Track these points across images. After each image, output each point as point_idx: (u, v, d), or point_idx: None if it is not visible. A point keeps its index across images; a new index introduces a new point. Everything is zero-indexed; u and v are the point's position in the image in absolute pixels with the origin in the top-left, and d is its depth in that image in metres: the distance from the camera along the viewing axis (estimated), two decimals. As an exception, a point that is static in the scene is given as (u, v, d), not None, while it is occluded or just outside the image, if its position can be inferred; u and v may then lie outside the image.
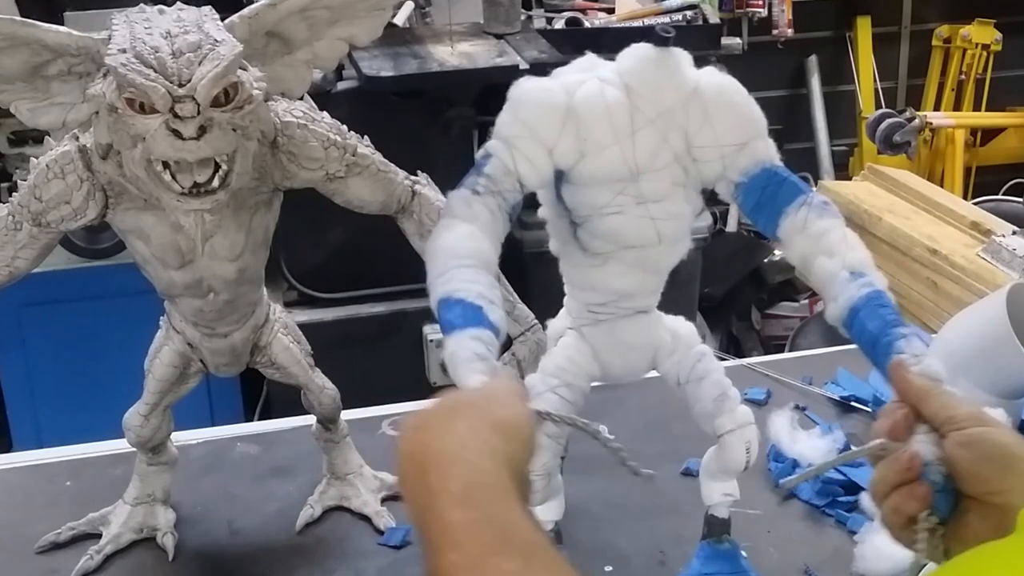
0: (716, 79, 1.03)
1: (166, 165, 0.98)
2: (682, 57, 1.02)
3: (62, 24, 1.04)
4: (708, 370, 1.11)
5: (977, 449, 0.76)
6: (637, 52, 1.01)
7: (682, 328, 1.13)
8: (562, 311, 1.15)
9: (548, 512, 1.14)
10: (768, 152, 1.02)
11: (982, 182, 3.82)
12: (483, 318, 0.88)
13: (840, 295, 0.96)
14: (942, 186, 3.34)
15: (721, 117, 1.01)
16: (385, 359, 2.65)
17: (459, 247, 0.93)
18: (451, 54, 2.68)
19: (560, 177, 1.03)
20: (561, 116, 0.99)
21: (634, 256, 1.05)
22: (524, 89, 1.01)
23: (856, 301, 0.95)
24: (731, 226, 3.78)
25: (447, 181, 1.04)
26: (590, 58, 1.06)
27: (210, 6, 1.03)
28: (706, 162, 1.02)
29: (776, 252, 3.60)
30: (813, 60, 4.03)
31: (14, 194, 1.13)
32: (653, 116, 1.00)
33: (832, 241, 0.98)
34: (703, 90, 1.01)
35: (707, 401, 1.10)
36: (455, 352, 0.85)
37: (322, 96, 2.25)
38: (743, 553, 1.19)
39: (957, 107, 3.99)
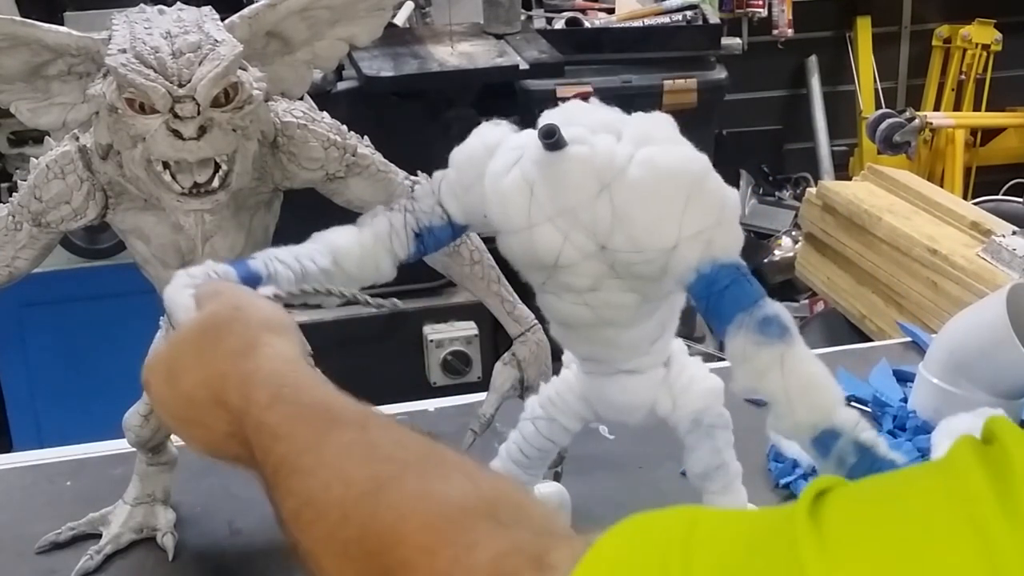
0: (642, 167, 0.85)
1: (166, 165, 0.98)
2: (584, 154, 0.86)
3: (62, 24, 1.04)
4: (712, 429, 1.03)
5: None
6: (535, 146, 0.87)
7: (695, 388, 1.02)
8: None
9: None
10: (707, 253, 0.85)
11: (982, 182, 3.82)
12: (246, 268, 0.88)
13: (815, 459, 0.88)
14: (942, 186, 3.34)
15: (637, 219, 0.85)
16: (385, 359, 2.65)
17: (330, 236, 0.94)
18: (451, 54, 2.68)
19: None
20: (476, 173, 0.91)
21: (583, 334, 0.97)
22: (479, 130, 0.94)
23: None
24: (731, 226, 3.78)
25: (447, 181, 1.04)
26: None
27: (210, 6, 1.03)
28: (633, 265, 0.87)
29: (776, 252, 3.60)
30: (813, 60, 4.03)
31: (14, 194, 1.13)
32: (552, 213, 0.87)
33: (774, 382, 0.84)
34: (617, 186, 0.85)
35: (703, 465, 1.04)
36: (170, 293, 0.84)
37: (322, 96, 2.25)
38: None
39: (957, 107, 3.99)
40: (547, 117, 0.89)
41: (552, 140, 0.84)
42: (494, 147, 0.91)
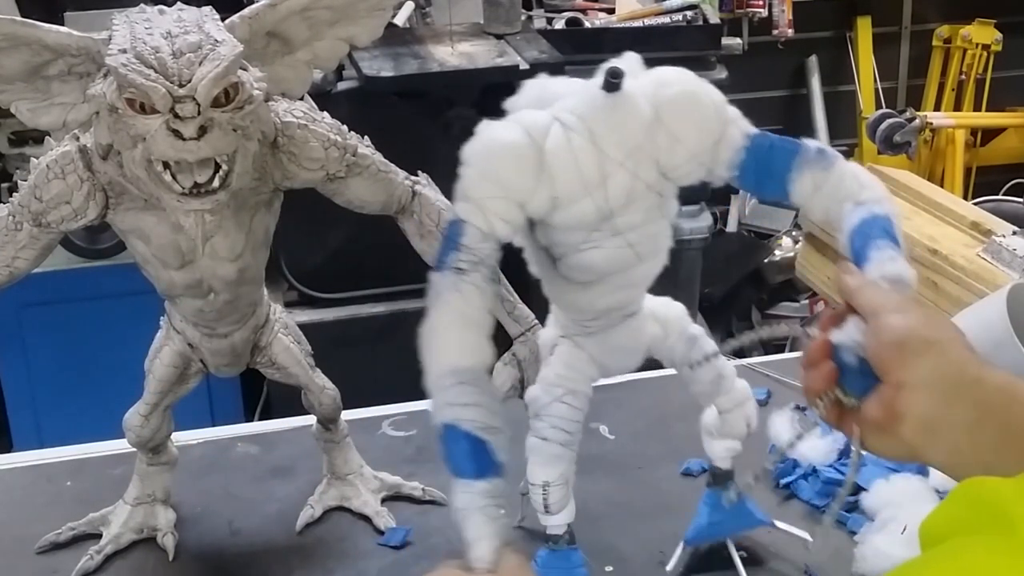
0: (669, 94, 0.96)
1: (166, 165, 0.98)
2: (636, 95, 0.95)
3: (62, 24, 1.04)
4: (703, 352, 1.13)
5: (884, 334, 0.79)
6: (592, 97, 0.94)
7: (671, 312, 1.13)
8: (550, 320, 1.14)
9: (562, 516, 1.14)
10: (741, 132, 0.98)
11: (982, 182, 3.82)
12: (490, 461, 0.87)
13: (844, 226, 0.95)
14: (942, 186, 3.33)
15: (687, 131, 0.96)
16: (385, 359, 2.64)
17: (457, 353, 0.93)
18: (451, 54, 2.68)
19: (531, 222, 0.99)
20: (534, 169, 0.92)
21: (616, 279, 1.03)
22: (488, 140, 0.92)
23: (852, 226, 0.93)
24: (731, 226, 3.78)
25: (447, 181, 1.04)
26: (541, 84, 0.99)
27: (210, 6, 1.03)
28: (687, 175, 0.98)
29: (776, 252, 3.60)
30: (813, 60, 4.03)
31: (14, 194, 1.13)
32: (622, 158, 0.95)
33: (846, 188, 0.96)
34: (663, 114, 0.96)
35: (704, 383, 1.14)
36: (466, 511, 0.85)
37: (322, 96, 2.25)
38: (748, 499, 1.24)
39: (957, 107, 3.99)
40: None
41: (618, 80, 0.93)
42: (525, 136, 0.92)
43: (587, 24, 3.23)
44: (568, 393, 1.09)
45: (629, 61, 0.97)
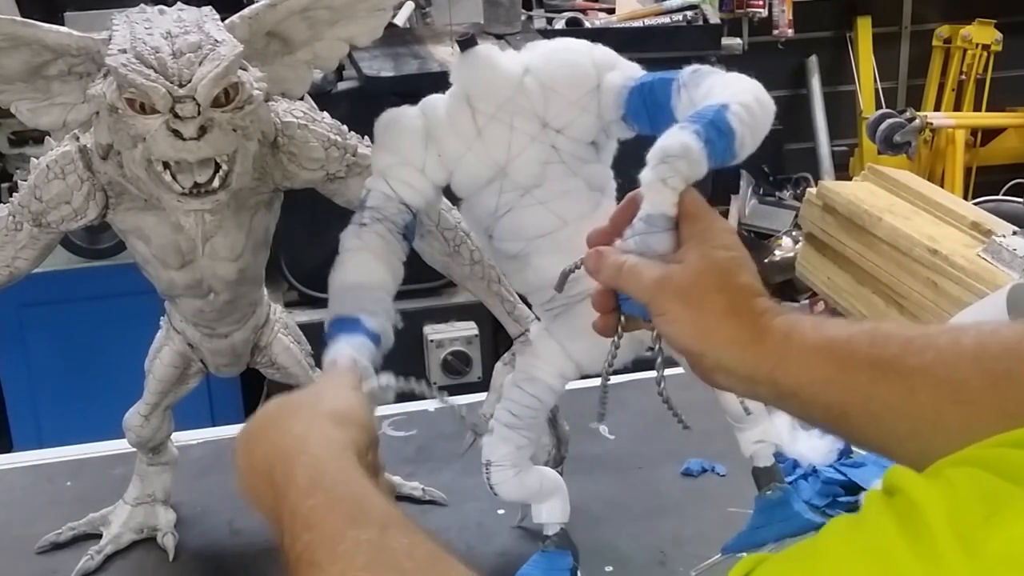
0: (541, 48, 1.04)
1: (166, 165, 0.97)
2: (492, 50, 1.03)
3: (62, 24, 1.04)
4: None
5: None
6: (457, 61, 1.03)
7: None
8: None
9: (554, 515, 1.14)
10: (625, 75, 1.01)
11: (982, 182, 3.82)
12: (359, 326, 0.96)
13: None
14: (942, 186, 3.33)
15: (560, 79, 1.01)
16: (385, 359, 2.64)
17: (349, 279, 1.01)
18: (451, 54, 2.68)
19: (452, 198, 1.08)
20: (421, 137, 1.03)
21: (548, 243, 1.05)
22: (386, 119, 1.06)
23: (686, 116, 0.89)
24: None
25: (447, 181, 1.05)
26: None
27: (210, 6, 1.03)
28: (573, 124, 1.02)
29: (776, 252, 3.60)
30: (813, 60, 4.03)
31: (14, 194, 1.13)
32: (493, 111, 1.02)
33: (714, 95, 0.91)
34: (532, 66, 1.02)
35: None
36: (331, 356, 0.93)
37: (322, 96, 2.25)
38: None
39: (957, 107, 3.99)
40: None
41: (467, 38, 1.01)
42: (418, 111, 1.04)
43: (587, 24, 3.23)
44: (527, 380, 1.10)
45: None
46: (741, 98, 0.89)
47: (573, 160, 1.04)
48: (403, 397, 0.99)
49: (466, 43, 1.02)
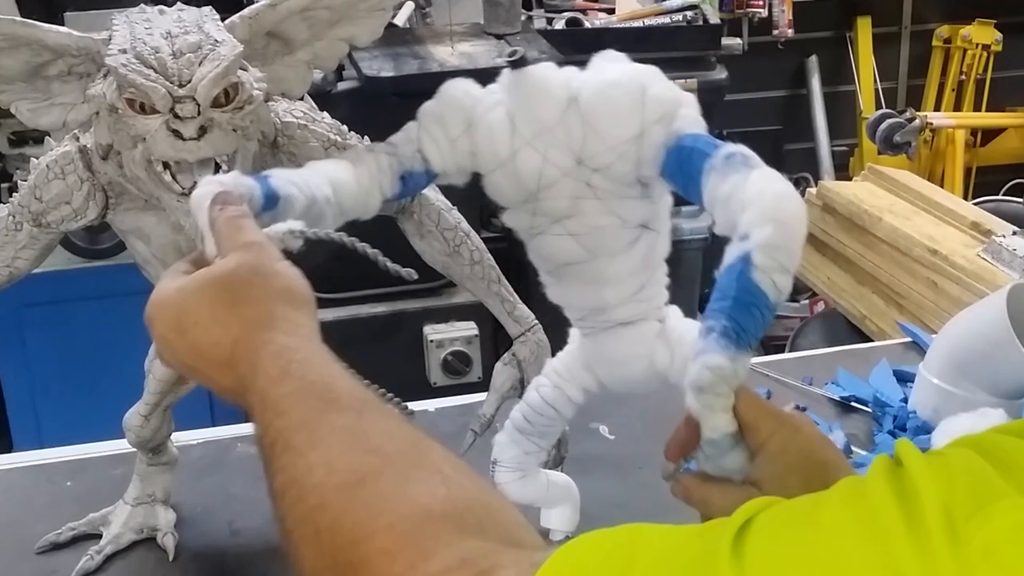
0: (597, 77, 0.95)
1: (166, 165, 0.98)
2: (545, 72, 0.96)
3: (62, 24, 1.04)
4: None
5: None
6: (505, 75, 0.97)
7: (686, 337, 1.04)
8: None
9: (562, 523, 1.14)
10: (669, 130, 0.92)
11: (982, 182, 3.82)
12: (261, 178, 0.89)
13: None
14: (942, 186, 3.34)
15: (603, 119, 0.93)
16: (385, 359, 2.64)
17: (325, 167, 0.96)
18: (451, 54, 2.68)
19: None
20: (464, 121, 0.98)
21: (575, 273, 1.01)
22: (454, 82, 1.01)
23: (721, 268, 0.82)
24: (731, 226, 3.78)
25: (447, 181, 1.04)
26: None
27: (210, 6, 1.03)
28: (611, 168, 0.94)
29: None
30: (813, 60, 4.03)
31: (14, 194, 1.13)
32: (530, 137, 0.95)
33: (734, 202, 0.84)
34: (581, 97, 0.94)
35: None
36: (197, 199, 0.85)
37: (322, 96, 2.25)
38: None
39: (957, 107, 3.99)
40: None
41: (516, 59, 0.95)
42: (476, 94, 0.99)
43: (587, 24, 3.23)
44: (549, 387, 1.10)
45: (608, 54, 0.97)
46: (764, 235, 0.80)
47: (609, 197, 0.96)
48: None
49: (517, 63, 0.95)
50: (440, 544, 0.60)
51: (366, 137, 1.18)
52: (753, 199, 0.82)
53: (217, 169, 0.98)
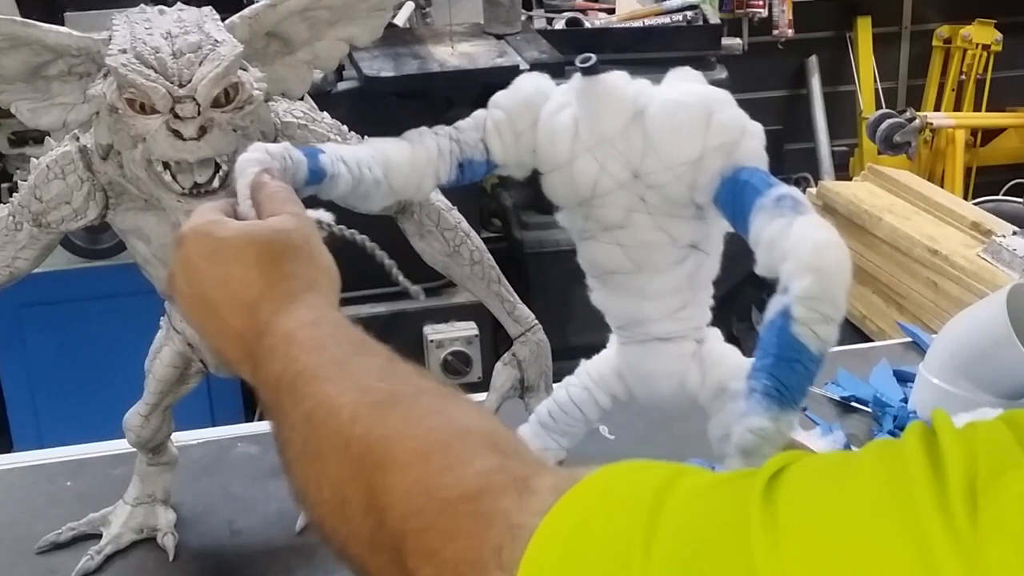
0: (666, 96, 0.94)
1: (166, 165, 0.98)
2: (617, 81, 0.95)
3: (62, 24, 1.04)
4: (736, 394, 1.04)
5: None
6: (575, 78, 0.97)
7: (723, 362, 1.04)
8: None
9: None
10: (725, 161, 0.91)
11: (982, 182, 3.82)
12: (311, 150, 0.91)
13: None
14: (942, 186, 3.34)
15: (664, 138, 0.93)
16: (385, 359, 2.65)
17: (383, 144, 0.98)
18: (451, 54, 2.68)
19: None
20: (531, 117, 0.99)
21: (619, 282, 1.02)
22: (529, 76, 1.02)
23: (763, 324, 0.81)
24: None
25: (447, 181, 1.04)
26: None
27: (210, 6, 1.03)
28: (667, 187, 0.94)
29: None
30: (813, 60, 4.03)
31: (14, 194, 1.13)
32: (591, 144, 0.95)
33: (776, 250, 0.84)
34: (648, 112, 0.93)
35: (721, 428, 1.03)
36: (243, 162, 0.87)
37: (322, 96, 2.25)
38: None
39: (957, 107, 3.99)
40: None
41: (589, 65, 0.93)
42: (549, 92, 0.99)
43: (587, 24, 3.23)
44: (578, 387, 1.10)
45: (683, 72, 0.97)
46: (803, 287, 0.79)
47: (661, 214, 0.96)
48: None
49: (589, 69, 0.94)
50: (478, 451, 0.61)
51: (366, 137, 1.18)
52: (793, 249, 0.81)
53: (217, 169, 0.98)
